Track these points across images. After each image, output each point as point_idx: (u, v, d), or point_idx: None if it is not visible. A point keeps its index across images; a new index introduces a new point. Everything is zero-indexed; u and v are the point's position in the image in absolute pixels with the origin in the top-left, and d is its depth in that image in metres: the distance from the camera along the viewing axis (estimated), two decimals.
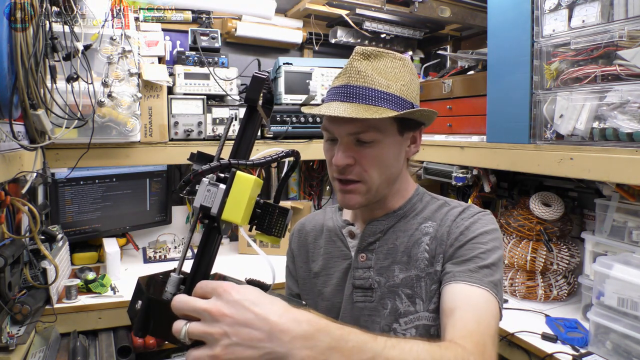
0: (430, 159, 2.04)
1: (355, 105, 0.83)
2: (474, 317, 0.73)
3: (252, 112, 0.68)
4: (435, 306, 0.86)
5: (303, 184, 2.65)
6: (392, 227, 0.94)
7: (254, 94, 0.66)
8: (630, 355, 1.24)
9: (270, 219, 0.72)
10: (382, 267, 0.91)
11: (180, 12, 2.17)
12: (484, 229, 0.87)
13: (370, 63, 0.86)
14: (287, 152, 0.71)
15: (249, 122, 0.68)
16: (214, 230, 0.66)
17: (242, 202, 0.62)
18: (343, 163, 0.85)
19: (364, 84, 0.84)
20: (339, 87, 0.86)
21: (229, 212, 0.62)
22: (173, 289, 0.67)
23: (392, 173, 0.90)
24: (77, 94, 1.34)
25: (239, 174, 0.62)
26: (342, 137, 0.86)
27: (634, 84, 1.22)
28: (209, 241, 0.66)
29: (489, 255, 0.83)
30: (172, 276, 0.67)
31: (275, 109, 2.10)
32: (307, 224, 1.09)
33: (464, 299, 0.77)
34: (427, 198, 0.98)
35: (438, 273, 0.86)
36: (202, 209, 0.62)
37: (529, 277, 1.72)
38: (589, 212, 1.79)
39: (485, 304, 0.76)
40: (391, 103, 0.84)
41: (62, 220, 1.92)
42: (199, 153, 0.68)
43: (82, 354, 1.47)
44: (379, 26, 2.27)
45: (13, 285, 1.30)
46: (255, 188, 0.63)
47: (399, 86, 0.86)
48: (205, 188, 0.62)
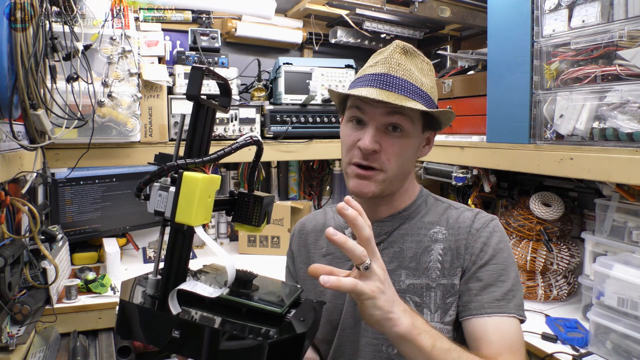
0: (430, 159, 2.04)
1: (394, 94, 0.83)
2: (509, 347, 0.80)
3: (198, 107, 0.66)
4: (452, 319, 0.87)
5: (303, 184, 2.65)
6: (398, 229, 0.93)
7: (194, 88, 0.63)
8: (630, 355, 1.24)
9: (246, 209, 0.72)
10: (387, 270, 0.91)
11: (180, 12, 2.17)
12: (501, 245, 0.89)
13: (408, 59, 0.87)
14: (242, 143, 0.68)
15: (197, 118, 0.66)
16: (178, 232, 0.65)
17: (192, 203, 0.60)
18: (371, 147, 0.83)
19: (403, 77, 0.85)
20: (377, 75, 0.86)
21: (181, 214, 0.61)
22: (151, 291, 0.67)
23: (407, 168, 0.91)
24: (77, 94, 1.34)
25: (186, 174, 0.61)
26: (375, 122, 0.85)
27: (634, 84, 1.22)
28: (176, 243, 0.66)
29: (509, 275, 0.86)
30: (150, 278, 0.68)
31: (275, 109, 2.11)
32: (308, 224, 1.09)
33: (496, 332, 0.82)
34: (431, 200, 0.98)
35: (456, 287, 0.87)
36: (157, 214, 0.62)
37: (529, 277, 1.72)
38: (589, 212, 1.79)
39: (514, 331, 0.83)
40: (423, 99, 0.86)
41: (62, 220, 1.92)
42: (161, 154, 0.67)
43: (82, 354, 1.47)
44: (379, 26, 2.27)
45: (13, 285, 1.30)
46: (205, 186, 0.62)
47: (429, 86, 0.88)
48: (156, 193, 0.62)
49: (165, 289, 0.65)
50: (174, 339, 0.64)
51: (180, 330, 0.64)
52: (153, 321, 0.66)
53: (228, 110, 0.73)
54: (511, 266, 0.88)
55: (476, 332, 0.83)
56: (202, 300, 0.66)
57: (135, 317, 0.67)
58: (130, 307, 0.67)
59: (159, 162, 0.65)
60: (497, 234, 0.89)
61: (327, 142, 2.20)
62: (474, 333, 0.83)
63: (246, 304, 0.68)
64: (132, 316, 0.67)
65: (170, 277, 0.65)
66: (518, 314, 0.84)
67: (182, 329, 0.64)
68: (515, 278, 0.87)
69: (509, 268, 0.87)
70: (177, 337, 0.63)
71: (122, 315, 0.67)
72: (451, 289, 0.87)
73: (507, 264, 0.87)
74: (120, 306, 0.67)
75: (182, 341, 0.64)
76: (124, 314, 0.67)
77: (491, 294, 0.84)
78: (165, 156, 0.66)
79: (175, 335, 0.63)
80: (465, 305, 0.86)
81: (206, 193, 0.62)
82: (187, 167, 0.62)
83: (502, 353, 0.78)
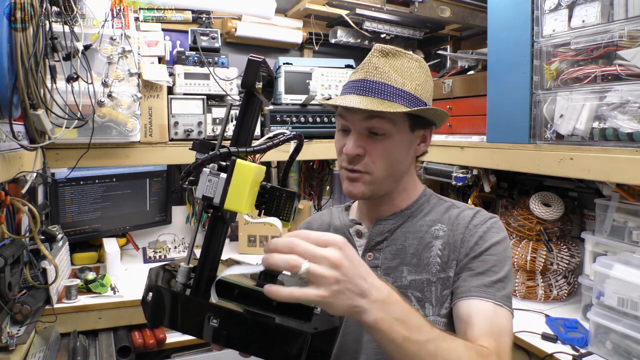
0: (430, 159, 2.04)
1: (370, 99, 0.85)
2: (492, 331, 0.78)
3: (250, 97, 0.67)
4: (447, 311, 0.87)
5: (303, 184, 2.65)
6: (400, 227, 0.94)
7: (251, 78, 0.64)
8: (630, 355, 1.24)
9: (277, 203, 0.72)
10: (389, 267, 0.91)
11: (180, 12, 2.17)
12: (497, 239, 0.89)
13: (388, 61, 0.88)
14: (289, 136, 0.70)
15: (248, 108, 0.67)
16: (219, 219, 0.65)
17: (243, 190, 0.61)
18: (353, 152, 0.87)
19: (380, 80, 0.86)
20: (356, 81, 0.88)
21: (231, 201, 0.61)
22: (183, 279, 0.67)
23: (399, 169, 0.92)
24: (77, 94, 1.34)
25: (239, 162, 0.61)
26: (356, 127, 0.88)
27: (634, 84, 1.22)
28: (215, 231, 0.66)
29: (502, 268, 0.86)
30: (182, 266, 0.68)
31: (275, 109, 2.11)
32: (314, 223, 1.10)
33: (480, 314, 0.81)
34: (435, 199, 0.99)
35: (451, 279, 0.88)
36: (205, 199, 0.62)
37: (529, 277, 1.72)
38: (589, 212, 1.79)
39: (500, 318, 0.81)
40: (405, 100, 0.86)
41: (62, 220, 1.92)
42: (202, 142, 0.67)
43: (82, 354, 1.47)
44: (379, 26, 2.27)
45: (13, 285, 1.30)
46: (256, 175, 0.63)
47: (414, 85, 0.88)
48: (206, 178, 0.62)
49: (200, 276, 0.65)
50: (212, 327, 0.64)
51: (219, 319, 0.63)
52: (191, 309, 0.66)
53: (269, 104, 0.74)
54: (505, 261, 0.88)
55: (460, 313, 0.83)
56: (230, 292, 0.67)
57: (172, 304, 0.66)
58: (168, 294, 0.66)
59: (200, 149, 0.66)
60: (494, 230, 0.90)
61: (327, 142, 2.20)
62: (459, 315, 0.83)
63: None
64: (168, 304, 0.66)
65: (207, 265, 0.66)
66: (505, 304, 0.83)
67: (222, 317, 0.63)
68: (508, 273, 0.87)
69: (503, 262, 0.87)
70: (215, 326, 0.63)
71: (157, 303, 0.65)
72: (447, 282, 0.88)
73: (501, 257, 0.87)
74: (155, 293, 0.65)
75: (220, 330, 0.63)
76: (159, 301, 0.66)
77: (480, 280, 0.84)
78: (205, 144, 0.67)
79: (214, 324, 0.63)
80: (454, 291, 0.87)
81: (256, 182, 0.64)
82: (239, 155, 0.63)
83: (484, 337, 0.77)
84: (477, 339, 0.76)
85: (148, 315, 0.67)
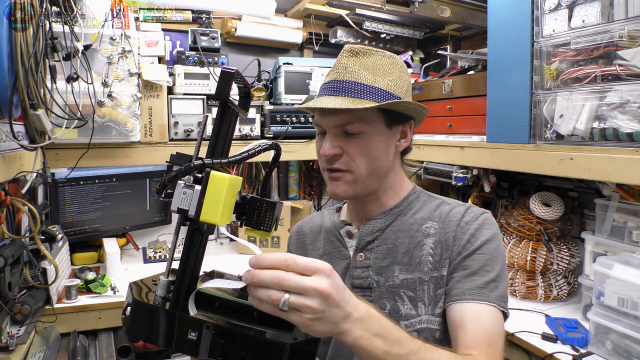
0: (430, 159, 2.04)
1: (341, 99, 0.85)
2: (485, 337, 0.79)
3: (224, 108, 0.66)
4: (441, 311, 0.87)
5: (303, 184, 2.65)
6: (390, 226, 0.94)
7: (224, 89, 0.64)
8: (630, 355, 1.24)
9: (258, 214, 0.71)
10: (381, 267, 0.91)
11: (180, 12, 2.17)
12: (489, 236, 0.89)
13: (358, 60, 0.88)
14: (264, 147, 0.70)
15: (223, 119, 0.67)
16: (196, 231, 0.65)
17: (218, 202, 0.60)
18: (330, 153, 0.87)
19: (350, 79, 0.86)
20: (327, 83, 0.89)
21: (206, 213, 0.60)
22: (163, 292, 0.67)
23: (381, 165, 0.91)
24: (77, 94, 1.34)
25: (213, 173, 0.61)
26: (330, 129, 0.89)
27: (634, 84, 1.22)
28: (193, 243, 0.66)
29: (494, 266, 0.86)
30: (161, 279, 0.67)
31: (276, 109, 2.11)
32: (305, 226, 1.10)
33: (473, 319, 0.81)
34: (425, 197, 0.99)
35: (444, 278, 0.88)
36: (180, 212, 0.61)
37: (529, 277, 1.72)
38: (589, 212, 1.79)
39: (493, 321, 0.81)
40: (376, 96, 0.86)
41: (62, 220, 1.92)
42: (178, 154, 0.67)
43: (82, 354, 1.47)
44: (379, 26, 2.27)
45: (13, 285, 1.30)
46: (231, 186, 0.62)
47: (387, 81, 0.88)
48: (181, 191, 0.61)
49: (179, 289, 0.65)
50: (190, 341, 0.63)
51: (197, 332, 0.63)
52: (169, 323, 0.65)
53: (246, 114, 0.74)
54: (498, 258, 0.88)
55: (454, 318, 0.83)
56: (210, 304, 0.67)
57: (149, 318, 0.66)
58: (145, 308, 0.65)
59: (177, 162, 0.66)
60: (486, 227, 0.90)
61: None
62: (452, 319, 0.83)
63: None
64: (145, 317, 0.66)
65: (185, 278, 0.65)
66: (499, 304, 0.83)
67: (200, 330, 0.63)
68: (501, 271, 0.87)
69: (495, 260, 0.87)
70: (193, 339, 0.63)
71: (135, 316, 0.65)
72: (440, 281, 0.88)
73: (493, 255, 0.87)
74: (133, 307, 0.65)
75: (198, 343, 0.63)
76: (137, 314, 0.66)
77: (473, 282, 0.84)
78: (183, 156, 0.66)
79: (192, 337, 0.63)
80: (447, 292, 0.87)
81: (231, 193, 0.63)
82: (214, 166, 0.63)
83: (477, 346, 0.77)
84: (470, 344, 0.77)
85: (126, 329, 0.67)
